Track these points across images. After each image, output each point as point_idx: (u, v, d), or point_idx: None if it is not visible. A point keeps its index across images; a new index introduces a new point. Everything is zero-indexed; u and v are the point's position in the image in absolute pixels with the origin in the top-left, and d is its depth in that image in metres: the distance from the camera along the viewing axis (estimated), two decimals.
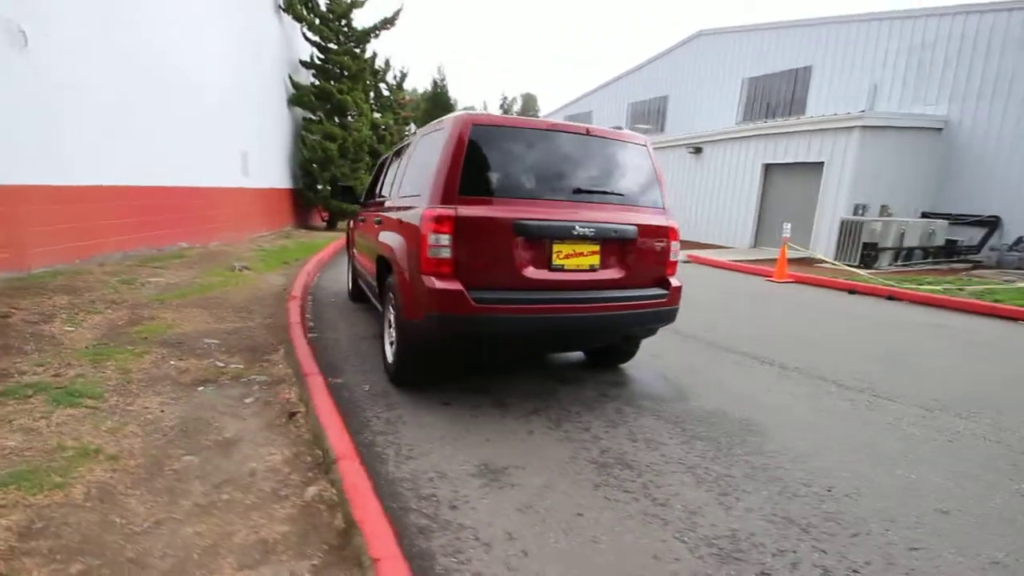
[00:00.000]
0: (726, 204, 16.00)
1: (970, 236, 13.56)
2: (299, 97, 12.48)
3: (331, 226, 13.86)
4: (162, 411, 2.87)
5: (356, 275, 5.72)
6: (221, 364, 3.68)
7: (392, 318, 3.52)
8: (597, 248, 3.17)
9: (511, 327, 2.96)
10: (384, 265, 3.68)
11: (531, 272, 3.02)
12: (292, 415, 2.86)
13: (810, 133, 13.64)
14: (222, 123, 9.53)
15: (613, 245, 3.22)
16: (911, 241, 12.25)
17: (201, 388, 3.25)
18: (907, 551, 2.06)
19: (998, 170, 13.23)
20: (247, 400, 3.10)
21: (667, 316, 3.42)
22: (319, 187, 12.94)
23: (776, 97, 18.17)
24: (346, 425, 2.68)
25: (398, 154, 4.47)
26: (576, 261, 3.13)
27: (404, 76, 21.67)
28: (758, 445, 2.91)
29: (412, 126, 22.02)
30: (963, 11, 13.51)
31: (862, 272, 10.30)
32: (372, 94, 15.79)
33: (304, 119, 13.04)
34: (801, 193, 14.06)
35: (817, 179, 13.46)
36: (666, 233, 3.41)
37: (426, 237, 2.87)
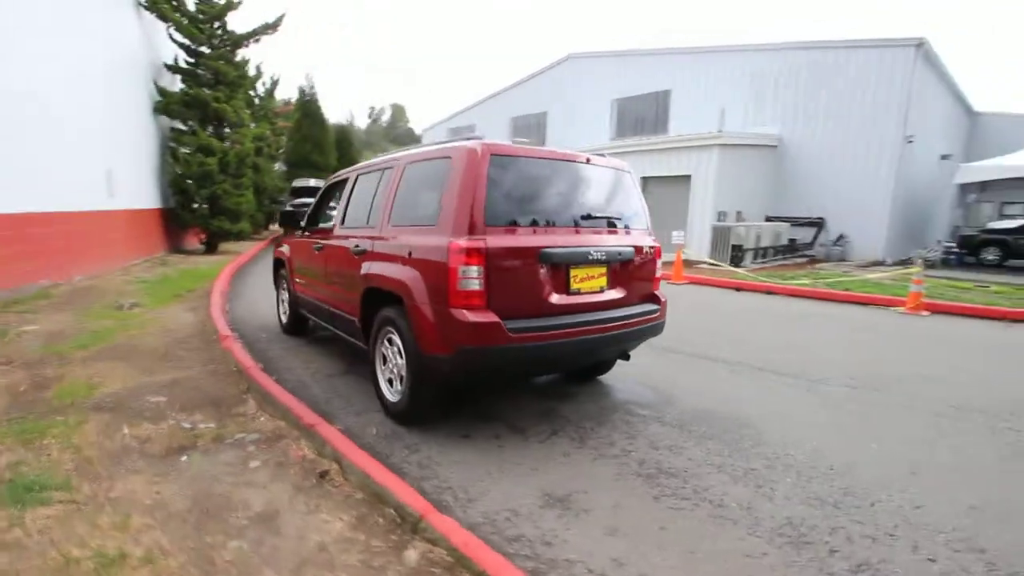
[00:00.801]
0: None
1: (804, 235, 16.31)
2: (166, 105, 11.00)
3: (211, 249, 12.38)
4: (158, 492, 2.43)
5: (298, 307, 5.24)
6: (188, 426, 3.18)
7: (393, 354, 3.33)
8: (605, 270, 3.34)
9: (541, 354, 2.99)
10: (377, 299, 3.47)
11: (554, 298, 3.09)
12: (323, 475, 2.59)
13: (678, 150, 15.37)
14: (79, 136, 8.06)
15: (616, 266, 3.41)
16: (765, 242, 14.40)
17: (184, 458, 2.79)
18: (914, 510, 2.51)
19: (819, 179, 16.09)
20: (252, 464, 2.74)
21: (658, 329, 3.70)
22: (195, 206, 11.51)
23: (643, 117, 20.15)
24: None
25: (357, 180, 4.23)
26: (589, 284, 3.27)
27: (275, 83, 20.18)
28: (757, 438, 3.29)
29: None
30: (788, 47, 16.24)
31: (740, 270, 11.86)
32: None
33: (173, 130, 11.51)
34: (674, 202, 15.72)
35: (686, 190, 15.19)
36: (654, 252, 3.70)
37: (456, 270, 2.80)
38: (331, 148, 30.37)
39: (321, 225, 5.07)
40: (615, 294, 3.42)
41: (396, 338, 3.29)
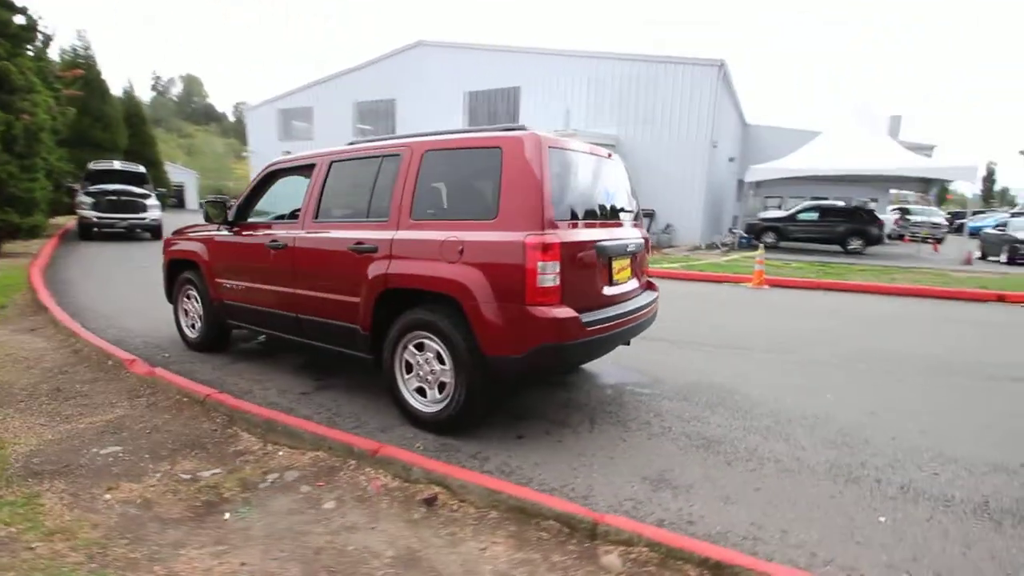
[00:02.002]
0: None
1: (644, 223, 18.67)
2: None
3: None
4: (243, 564, 1.91)
5: (226, 317, 4.37)
6: (187, 477, 2.53)
7: (426, 360, 3.06)
8: (630, 261, 3.52)
9: (599, 346, 3.06)
10: (399, 302, 3.13)
11: (606, 290, 3.16)
12: (429, 501, 2.31)
13: None
14: None
15: (636, 257, 3.61)
16: None
17: (227, 516, 2.23)
18: (891, 440, 3.22)
19: (649, 176, 18.49)
20: (327, 506, 2.31)
21: (656, 314, 4.02)
22: None
23: (495, 111, 20.73)
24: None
25: (332, 167, 3.69)
26: (623, 275, 3.41)
27: (49, 39, 15.87)
28: (748, 401, 3.81)
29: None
30: (621, 58, 18.22)
31: None
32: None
33: None
34: None
35: None
36: (647, 242, 3.99)
37: (534, 267, 2.70)
38: (119, 125, 25.09)
39: (264, 220, 4.32)
40: (635, 284, 3.63)
41: (434, 343, 3.03)
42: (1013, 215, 22.04)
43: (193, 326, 4.75)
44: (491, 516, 2.22)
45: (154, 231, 14.60)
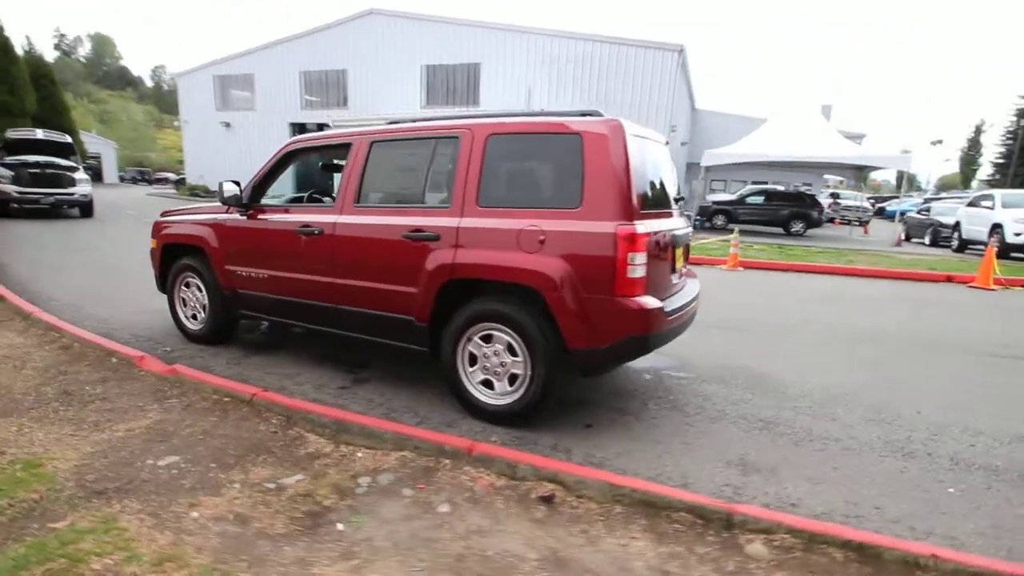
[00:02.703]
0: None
1: None
2: None
3: None
4: None
5: (238, 307, 4.03)
6: (271, 486, 2.34)
7: (496, 352, 2.98)
8: (683, 251, 3.55)
9: (674, 334, 3.09)
10: (463, 292, 3.01)
11: (673, 279, 3.18)
12: (546, 499, 2.26)
13: None
14: None
15: (685, 246, 3.65)
16: None
17: (340, 526, 2.09)
18: (916, 415, 3.48)
19: None
20: (442, 509, 2.22)
21: None
22: None
23: (455, 87, 20.19)
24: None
25: (372, 148, 3.44)
26: (680, 264, 3.44)
27: None
28: (783, 383, 3.99)
29: None
30: (582, 38, 18.18)
31: None
32: None
33: None
34: None
35: None
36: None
37: (625, 257, 2.66)
38: (26, 87, 22.33)
39: (279, 203, 4.01)
40: (685, 271, 3.68)
41: (506, 334, 2.95)
42: (925, 200, 24.26)
43: (194, 316, 4.37)
44: (616, 511, 2.21)
45: (84, 208, 13.26)
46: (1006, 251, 11.80)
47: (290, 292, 3.74)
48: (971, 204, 14.55)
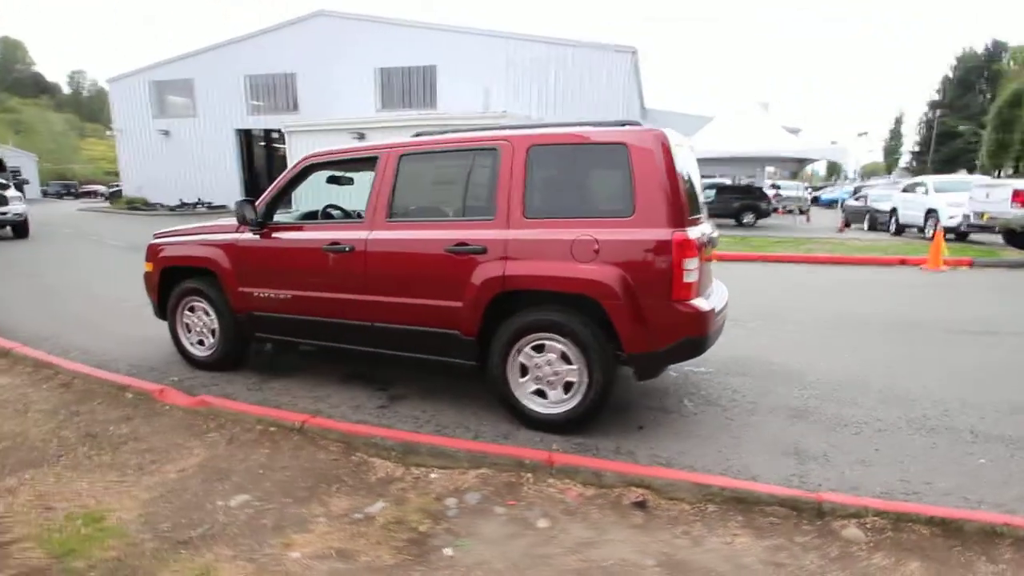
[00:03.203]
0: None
1: None
2: None
3: None
4: None
5: (255, 331, 3.86)
6: (359, 515, 2.29)
7: (550, 361, 3.00)
8: (712, 252, 3.69)
9: (719, 335, 3.21)
10: (511, 303, 3.02)
11: (705, 282, 3.29)
12: (639, 504, 2.31)
13: (466, 128, 15.95)
14: None
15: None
16: None
17: (448, 550, 2.06)
18: (938, 384, 3.76)
19: None
20: (541, 524, 2.23)
21: None
22: None
23: (411, 90, 19.91)
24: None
25: (402, 161, 3.37)
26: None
27: None
28: (796, 371, 4.21)
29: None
30: (538, 40, 18.38)
31: None
32: None
33: None
34: None
35: None
36: None
37: (681, 262, 2.75)
38: None
39: (291, 220, 3.88)
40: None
41: (559, 343, 2.97)
42: (856, 189, 26.05)
43: (201, 342, 4.13)
44: (710, 510, 2.29)
45: (18, 228, 12.23)
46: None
47: (317, 312, 3.61)
48: (906, 191, 15.75)
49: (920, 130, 48.54)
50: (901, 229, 15.32)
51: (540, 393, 3.12)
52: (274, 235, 3.73)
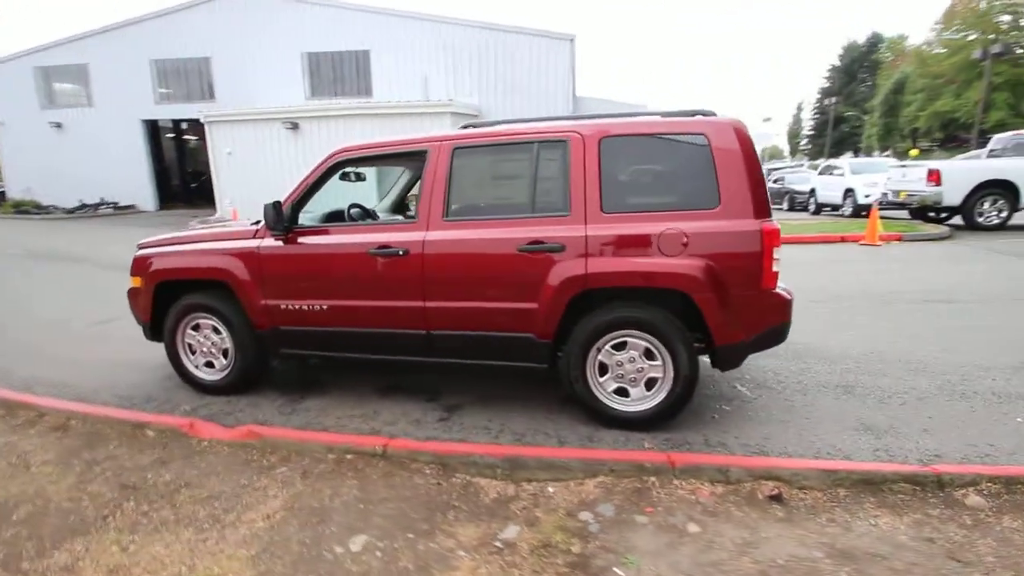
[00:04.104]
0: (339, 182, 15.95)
1: None
2: None
3: None
4: None
5: (279, 347, 3.47)
6: (498, 544, 2.11)
7: (633, 358, 2.95)
8: None
9: None
10: (589, 301, 2.92)
11: None
12: (777, 497, 2.32)
13: (411, 116, 15.41)
14: None
15: None
16: None
17: (617, 570, 1.95)
18: (944, 351, 4.10)
19: None
20: (692, 530, 2.17)
21: None
22: None
23: (342, 76, 18.83)
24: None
25: (455, 155, 3.12)
26: None
27: None
28: (819, 348, 4.40)
29: None
30: (479, 26, 17.99)
31: None
32: None
33: None
34: None
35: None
36: None
37: (770, 251, 2.77)
38: None
39: (315, 223, 3.53)
40: None
41: (642, 339, 2.92)
42: (769, 171, 28.12)
43: (210, 364, 3.67)
44: (843, 495, 2.34)
45: None
46: (857, 211, 14.14)
47: (360, 322, 3.30)
48: (822, 173, 17.17)
49: (814, 116, 53.21)
50: (820, 209, 16.71)
51: (620, 391, 3.06)
52: (302, 240, 3.35)
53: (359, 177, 4.11)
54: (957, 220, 11.00)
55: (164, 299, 3.66)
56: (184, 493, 2.45)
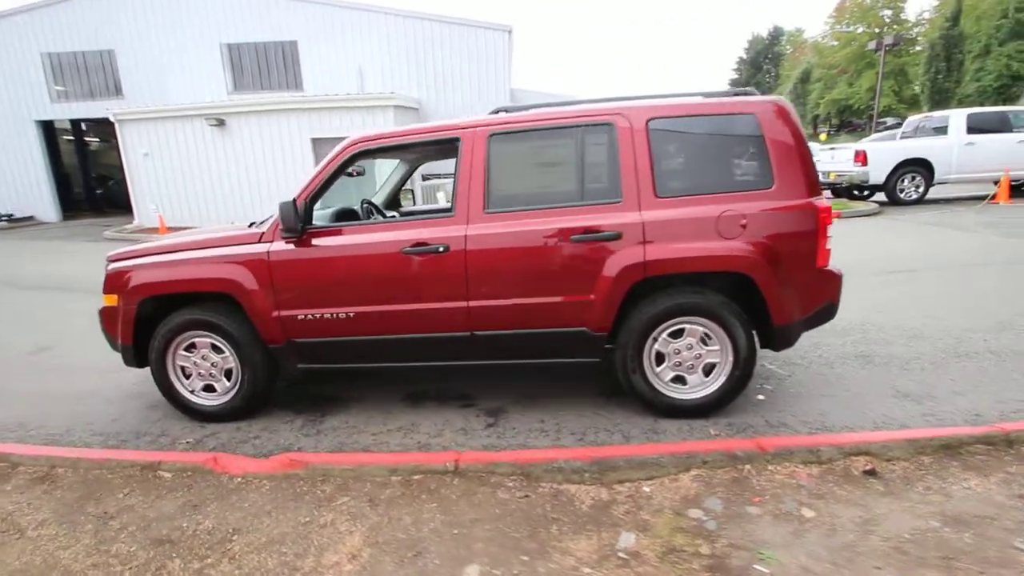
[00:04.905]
0: (273, 180, 14.92)
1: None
2: None
3: None
4: None
5: (298, 360, 3.11)
6: (623, 556, 1.98)
7: (689, 345, 2.89)
8: None
9: None
10: (643, 289, 2.82)
11: None
12: (872, 472, 2.33)
13: (351, 110, 14.66)
14: None
15: None
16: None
17: (757, 567, 1.87)
18: (959, 313, 4.37)
19: None
20: (808, 515, 2.13)
21: None
22: None
23: (269, 69, 17.59)
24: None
25: (491, 142, 2.89)
26: None
27: None
28: (840, 325, 4.47)
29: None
30: (417, 17, 17.39)
31: None
32: None
33: None
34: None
35: None
36: None
37: (824, 229, 2.79)
38: None
39: (326, 223, 3.19)
40: None
41: (700, 325, 2.86)
42: None
43: (209, 388, 3.23)
44: (925, 461, 2.39)
45: None
46: None
47: (392, 328, 3.00)
48: None
49: None
50: None
51: (677, 379, 2.98)
52: (319, 242, 3.00)
53: (359, 172, 3.77)
54: (879, 196, 12.00)
55: (150, 318, 3.17)
56: (238, 541, 2.09)
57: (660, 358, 2.96)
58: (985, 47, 30.15)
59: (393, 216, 3.82)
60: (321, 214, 3.38)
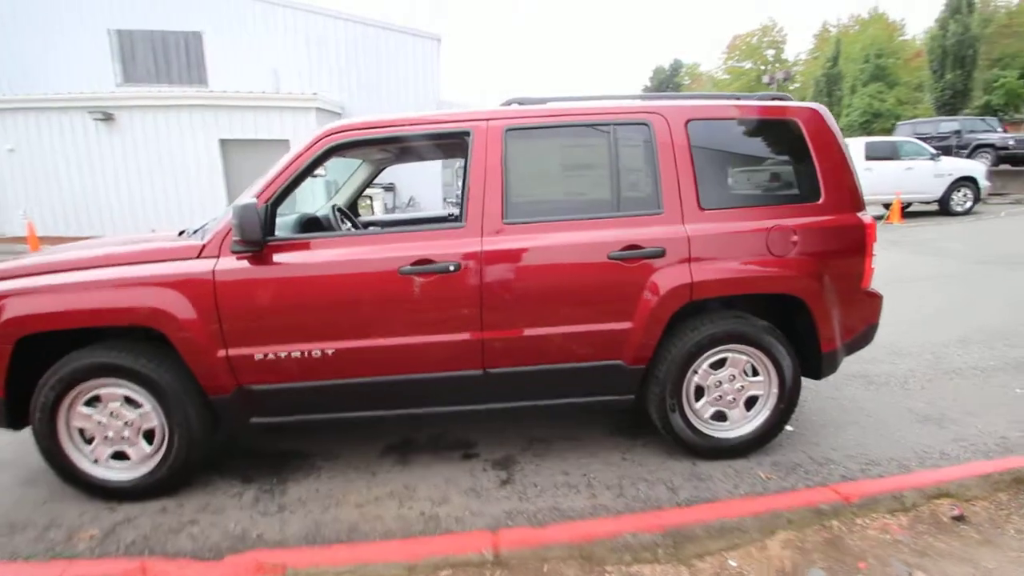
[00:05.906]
0: (172, 186, 13.18)
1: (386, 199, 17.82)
2: None
3: None
4: None
5: (278, 414, 2.37)
6: None
7: (731, 376, 2.55)
8: None
9: None
10: (686, 314, 2.45)
11: None
12: (960, 518, 2.08)
13: (267, 109, 13.45)
14: None
15: None
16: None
17: None
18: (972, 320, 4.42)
19: None
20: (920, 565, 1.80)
21: None
22: None
23: (167, 61, 15.68)
24: None
25: (507, 140, 2.38)
26: None
27: None
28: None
29: None
30: (344, 18, 16.38)
31: None
32: None
33: None
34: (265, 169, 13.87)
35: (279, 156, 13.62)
36: None
37: (871, 247, 2.58)
38: None
39: (293, 235, 2.52)
40: None
41: (743, 355, 2.54)
42: None
43: (120, 455, 2.39)
44: (1003, 498, 2.19)
45: None
46: None
47: (387, 367, 2.37)
48: None
49: None
50: None
51: (717, 416, 2.62)
52: (284, 259, 2.30)
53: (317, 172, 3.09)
54: None
55: (29, 362, 2.28)
56: None
57: (699, 392, 2.59)
58: (851, 87, 34.28)
59: (375, 227, 3.17)
60: (281, 222, 2.66)
